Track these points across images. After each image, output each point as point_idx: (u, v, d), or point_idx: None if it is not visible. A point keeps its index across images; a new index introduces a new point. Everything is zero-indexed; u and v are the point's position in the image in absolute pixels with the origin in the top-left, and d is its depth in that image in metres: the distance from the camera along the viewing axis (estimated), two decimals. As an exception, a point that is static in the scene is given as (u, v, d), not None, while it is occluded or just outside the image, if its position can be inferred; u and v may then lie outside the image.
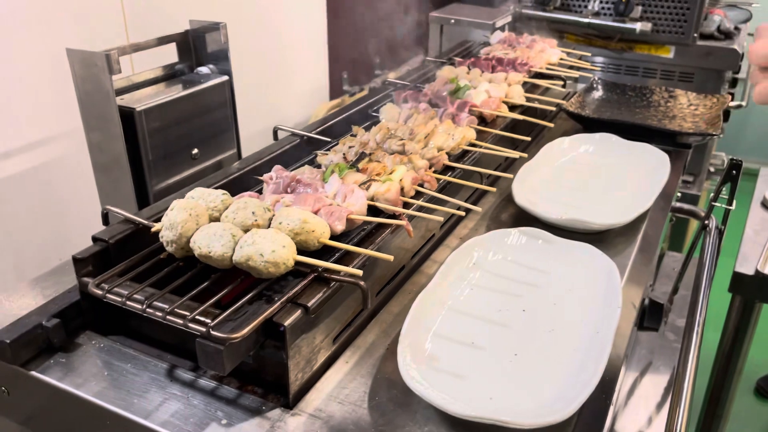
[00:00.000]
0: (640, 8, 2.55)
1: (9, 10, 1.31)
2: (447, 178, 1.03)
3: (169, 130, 1.16)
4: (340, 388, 0.78)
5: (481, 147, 1.13)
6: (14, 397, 0.83)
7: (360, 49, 2.64)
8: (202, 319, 0.72)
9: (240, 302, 0.72)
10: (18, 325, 0.79)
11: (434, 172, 1.02)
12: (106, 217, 0.91)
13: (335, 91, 2.53)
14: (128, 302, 0.73)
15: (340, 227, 0.83)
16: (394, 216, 0.91)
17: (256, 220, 0.79)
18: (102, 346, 0.83)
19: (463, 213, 0.98)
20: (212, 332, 0.67)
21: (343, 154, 1.01)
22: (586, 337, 0.82)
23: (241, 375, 0.78)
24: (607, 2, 2.58)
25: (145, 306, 0.72)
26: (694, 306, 1.42)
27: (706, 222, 1.63)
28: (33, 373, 0.78)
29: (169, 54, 1.27)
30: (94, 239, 0.85)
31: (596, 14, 2.60)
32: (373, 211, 0.91)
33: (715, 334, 1.79)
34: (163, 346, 0.84)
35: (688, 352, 1.24)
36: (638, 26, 2.51)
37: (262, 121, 2.14)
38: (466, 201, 1.15)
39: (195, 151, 1.22)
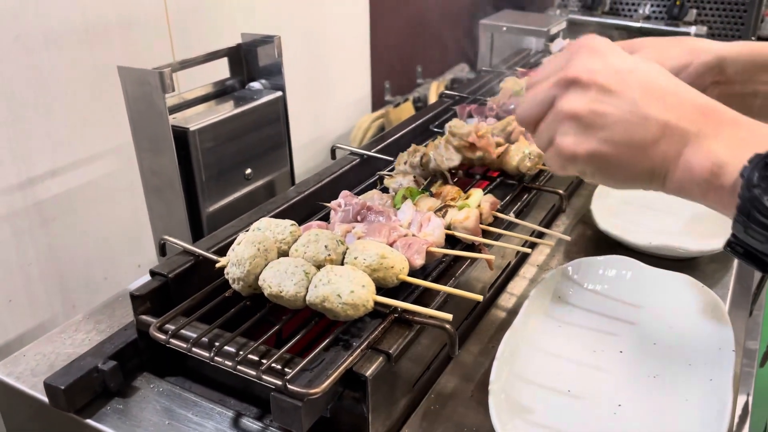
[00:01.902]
0: (694, 11, 2.43)
1: (54, 25, 1.27)
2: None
3: (222, 150, 1.10)
4: (423, 442, 0.71)
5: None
6: (67, 445, 0.77)
7: (403, 58, 2.58)
8: (276, 366, 0.65)
9: (317, 350, 0.65)
10: (72, 368, 0.73)
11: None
12: (163, 248, 0.85)
13: (377, 101, 2.46)
14: (194, 349, 0.66)
15: (419, 261, 0.75)
16: (473, 245, 0.83)
17: (329, 255, 0.72)
18: (161, 390, 0.76)
19: (550, 243, 0.90)
20: (289, 386, 0.60)
21: (414, 177, 0.93)
22: (698, 385, 0.73)
23: (313, 425, 0.71)
24: (659, 5, 2.47)
25: (213, 354, 0.65)
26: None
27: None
28: (89, 421, 0.72)
29: (216, 68, 1.21)
30: (152, 273, 0.79)
31: (647, 18, 2.50)
32: (449, 239, 0.83)
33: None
34: (225, 389, 0.77)
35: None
36: (693, 30, 2.39)
37: (305, 133, 2.08)
38: (540, 223, 1.07)
39: (248, 171, 1.15)
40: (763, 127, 0.52)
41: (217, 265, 0.75)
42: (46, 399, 0.73)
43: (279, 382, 0.61)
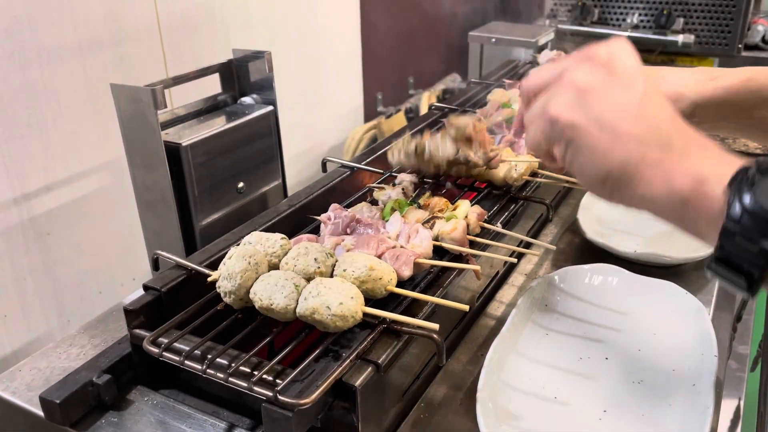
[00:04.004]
0: (681, 20, 2.47)
1: (48, 42, 1.29)
2: (536, 178, 0.95)
3: (214, 164, 1.12)
4: (413, 450, 0.72)
5: (542, 176, 1.06)
6: (62, 458, 0.78)
7: (394, 69, 2.60)
8: (267, 378, 0.66)
9: (306, 361, 0.66)
10: (67, 382, 0.74)
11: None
12: (156, 262, 0.86)
13: (370, 112, 2.49)
14: (187, 362, 0.67)
15: (407, 272, 0.77)
16: (460, 256, 0.85)
17: (318, 267, 0.73)
18: (155, 403, 0.78)
19: (537, 253, 0.91)
20: (280, 397, 0.61)
21: (402, 189, 0.95)
22: (681, 390, 0.75)
23: (304, 436, 0.72)
24: (646, 15, 2.51)
25: (205, 367, 0.66)
26: (768, 338, 1.32)
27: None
28: (84, 434, 0.73)
29: (208, 83, 1.23)
30: (146, 287, 0.80)
31: (636, 27, 2.53)
32: (437, 250, 0.85)
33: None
34: (218, 401, 0.79)
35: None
36: (681, 39, 2.43)
37: (297, 145, 2.10)
38: (527, 233, 1.09)
39: (241, 184, 1.17)
40: (745, 158, 0.53)
41: (209, 279, 0.76)
42: (41, 413, 0.74)
43: (270, 393, 0.62)
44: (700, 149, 0.54)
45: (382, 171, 1.11)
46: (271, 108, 1.21)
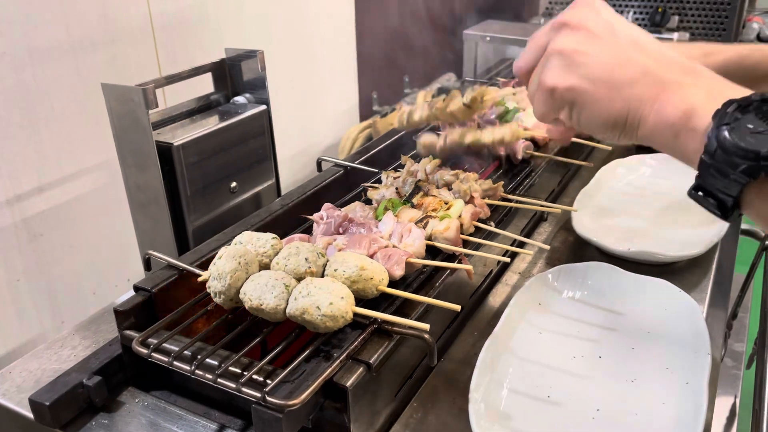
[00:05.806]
0: (676, 18, 2.47)
1: (40, 42, 1.28)
2: (510, 204, 0.96)
3: (207, 164, 1.11)
4: (405, 450, 0.71)
5: (536, 176, 1.06)
6: (52, 461, 0.77)
7: (390, 68, 2.60)
8: (256, 378, 0.66)
9: (296, 361, 0.66)
10: (57, 384, 0.74)
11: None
12: (147, 262, 0.86)
13: (365, 112, 2.48)
14: (175, 362, 0.67)
15: (399, 272, 0.76)
16: (453, 255, 0.85)
17: (309, 267, 0.73)
18: (146, 404, 0.77)
19: (530, 252, 0.91)
20: (268, 398, 0.61)
21: (396, 188, 0.95)
22: (675, 388, 0.74)
23: (296, 436, 0.71)
24: (641, 13, 2.51)
25: (194, 367, 0.66)
26: (764, 334, 1.32)
27: (767, 243, 1.54)
28: (74, 437, 0.73)
29: (201, 83, 1.23)
30: (136, 288, 0.80)
31: (631, 25, 2.53)
32: (430, 250, 0.85)
33: None
34: (209, 402, 0.78)
35: (764, 384, 1.14)
36: (675, 36, 2.42)
37: (293, 145, 2.10)
38: (521, 232, 1.09)
39: (234, 184, 1.17)
40: (739, 87, 0.55)
41: (199, 279, 0.76)
42: (31, 415, 0.74)
43: (258, 394, 0.61)
44: (693, 80, 0.56)
45: (376, 170, 1.11)
46: (264, 107, 1.21)
